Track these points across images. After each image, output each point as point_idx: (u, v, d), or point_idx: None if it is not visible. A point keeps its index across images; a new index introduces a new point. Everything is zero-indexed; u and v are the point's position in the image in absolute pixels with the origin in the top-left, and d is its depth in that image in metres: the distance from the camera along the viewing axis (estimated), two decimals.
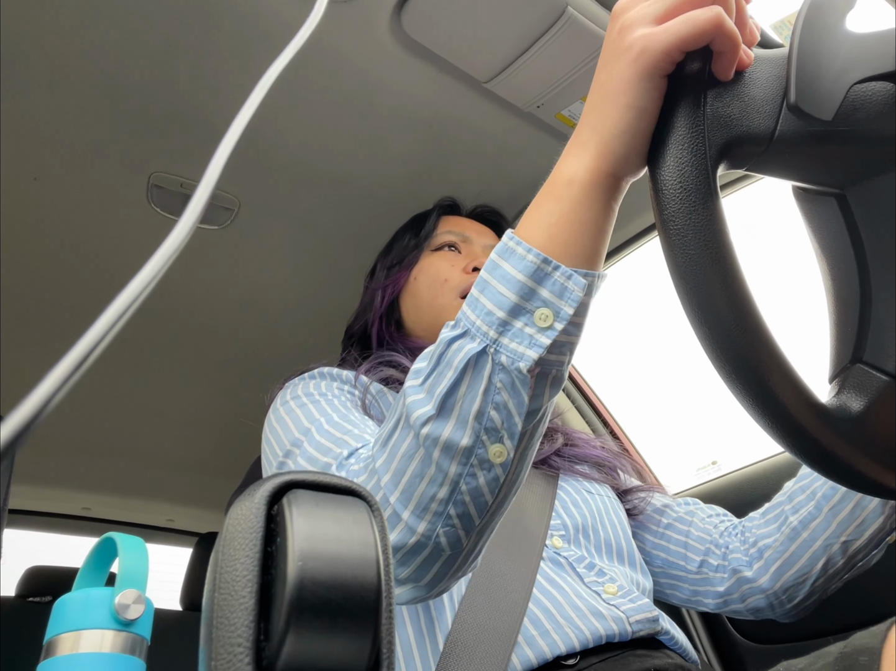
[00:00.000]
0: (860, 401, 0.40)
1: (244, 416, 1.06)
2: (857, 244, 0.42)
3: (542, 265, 0.47)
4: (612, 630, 0.65)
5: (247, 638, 0.22)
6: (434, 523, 0.50)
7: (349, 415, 0.70)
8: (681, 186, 0.40)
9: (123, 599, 0.37)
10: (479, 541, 0.54)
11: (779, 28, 0.86)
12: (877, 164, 0.40)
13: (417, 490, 0.50)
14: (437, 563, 0.53)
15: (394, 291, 0.95)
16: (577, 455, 0.90)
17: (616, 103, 0.45)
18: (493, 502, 0.51)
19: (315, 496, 0.25)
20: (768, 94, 0.41)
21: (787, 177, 0.43)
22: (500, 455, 0.49)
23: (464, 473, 0.49)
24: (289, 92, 0.95)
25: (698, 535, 0.88)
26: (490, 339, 0.47)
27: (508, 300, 0.47)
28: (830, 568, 0.76)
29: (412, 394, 0.51)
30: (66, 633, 0.36)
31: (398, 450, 0.52)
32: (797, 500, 0.79)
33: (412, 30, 0.86)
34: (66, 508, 2.07)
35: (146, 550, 0.40)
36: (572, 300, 0.46)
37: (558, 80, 0.94)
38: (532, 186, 1.25)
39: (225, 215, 1.18)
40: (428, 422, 0.49)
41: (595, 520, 0.80)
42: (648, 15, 0.44)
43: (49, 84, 0.92)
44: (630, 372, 2.38)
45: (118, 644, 0.36)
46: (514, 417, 0.48)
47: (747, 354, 0.38)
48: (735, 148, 0.40)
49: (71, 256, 1.23)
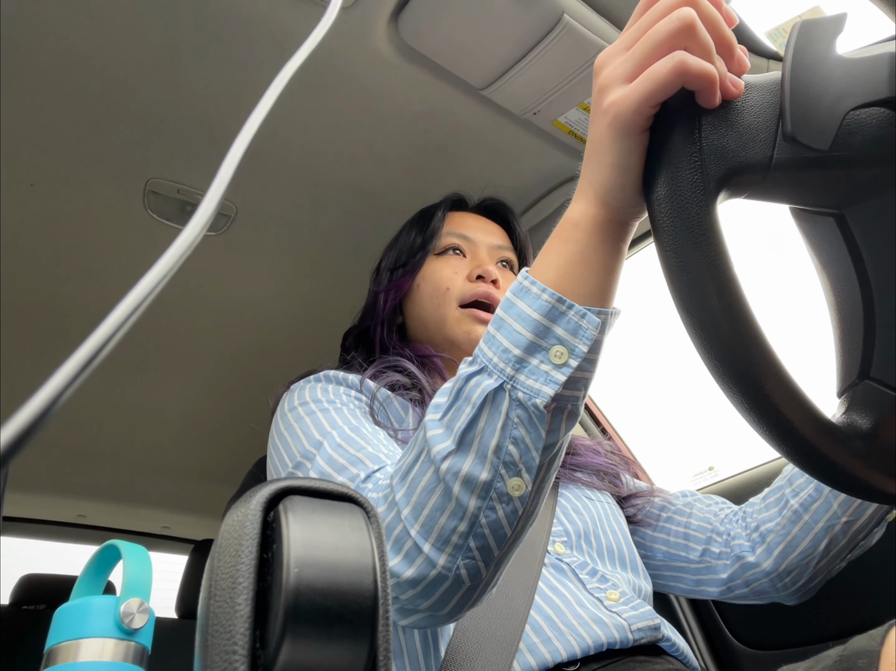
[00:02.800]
0: (869, 418, 0.40)
1: (241, 423, 1.06)
2: (857, 262, 0.42)
3: (556, 304, 0.48)
4: (613, 637, 0.66)
5: (242, 645, 0.22)
6: (454, 556, 0.51)
7: (360, 428, 0.69)
8: (682, 224, 0.39)
9: (128, 608, 0.36)
10: (498, 571, 0.54)
11: (773, 36, 0.86)
12: (874, 185, 0.40)
13: (438, 523, 0.51)
14: (458, 595, 0.54)
15: (396, 296, 0.95)
16: (577, 463, 0.90)
17: (601, 162, 0.46)
18: (511, 534, 0.52)
19: (311, 502, 0.25)
20: (763, 122, 0.41)
21: (786, 201, 0.43)
22: (519, 488, 0.50)
23: (483, 507, 0.50)
24: (287, 98, 0.95)
25: (698, 525, 0.88)
26: (507, 376, 0.48)
27: (524, 338, 0.48)
28: (833, 548, 0.77)
29: (432, 428, 0.52)
30: (68, 642, 0.35)
31: (418, 484, 0.52)
32: (797, 484, 0.80)
33: (409, 37, 0.87)
34: (60, 516, 2.06)
35: (150, 559, 0.40)
36: (586, 338, 0.48)
37: (555, 87, 0.94)
38: (529, 192, 1.27)
39: (222, 221, 1.18)
40: (448, 457, 0.50)
41: (596, 527, 0.80)
42: (619, 76, 0.44)
43: (46, 90, 0.92)
44: (628, 379, 2.38)
45: (121, 653, 0.36)
46: (531, 451, 0.49)
47: (757, 382, 0.38)
48: (734, 178, 0.40)
49: (68, 263, 1.22)
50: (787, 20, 0.84)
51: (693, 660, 0.74)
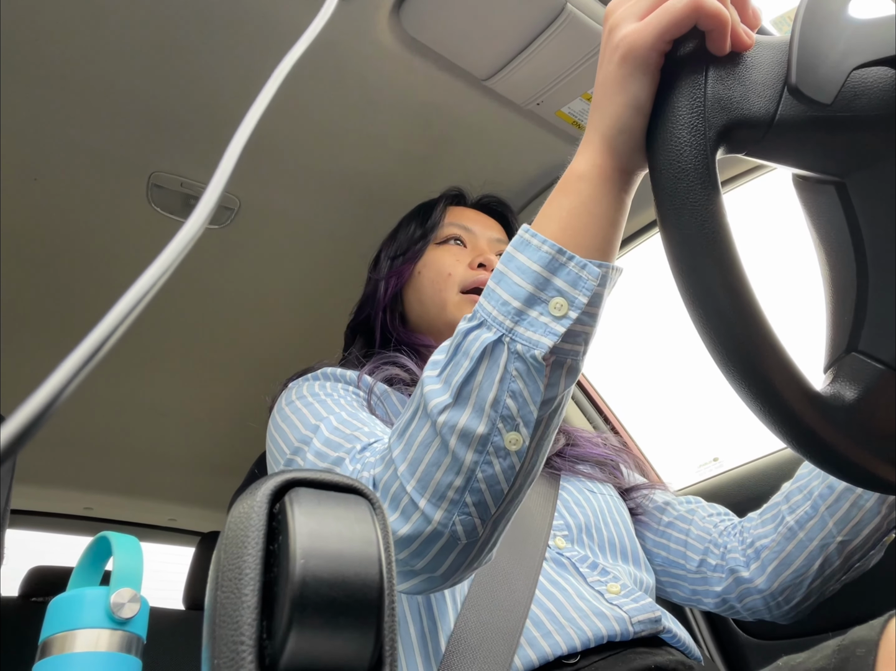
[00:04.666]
0: (854, 389, 0.40)
1: (246, 416, 1.06)
2: (855, 233, 0.42)
3: (556, 255, 0.48)
4: (613, 630, 0.65)
5: (249, 636, 0.22)
6: (450, 511, 0.51)
7: (357, 414, 0.70)
8: (679, 168, 0.40)
9: (118, 598, 0.37)
10: (495, 531, 0.54)
11: (778, 24, 0.85)
12: (876, 152, 0.40)
13: (434, 478, 0.51)
14: (453, 553, 0.53)
15: (397, 283, 0.95)
16: (578, 455, 0.90)
17: (613, 102, 0.46)
18: (508, 490, 0.51)
19: (317, 494, 0.25)
20: (769, 78, 0.41)
21: (786, 163, 0.43)
22: (516, 443, 0.50)
23: (480, 461, 0.50)
24: (289, 90, 0.95)
25: (698, 534, 0.87)
26: (506, 329, 0.48)
27: (524, 290, 0.48)
28: (827, 568, 0.75)
29: (429, 383, 0.52)
30: (61, 633, 0.36)
31: (415, 439, 0.52)
32: (794, 500, 0.78)
33: (411, 27, 0.86)
34: (67, 508, 2.07)
35: (140, 549, 0.40)
36: (586, 289, 0.48)
37: (558, 77, 0.93)
38: (532, 184, 1.26)
39: (225, 214, 1.18)
40: (445, 411, 0.50)
41: (598, 520, 0.80)
42: (633, 13, 0.45)
43: (49, 84, 0.92)
44: (632, 369, 2.38)
45: (114, 643, 0.36)
46: (529, 405, 0.49)
47: (742, 338, 0.38)
48: (735, 131, 0.40)
49: (71, 256, 1.23)
50: (791, 8, 0.83)
51: (695, 651, 0.74)
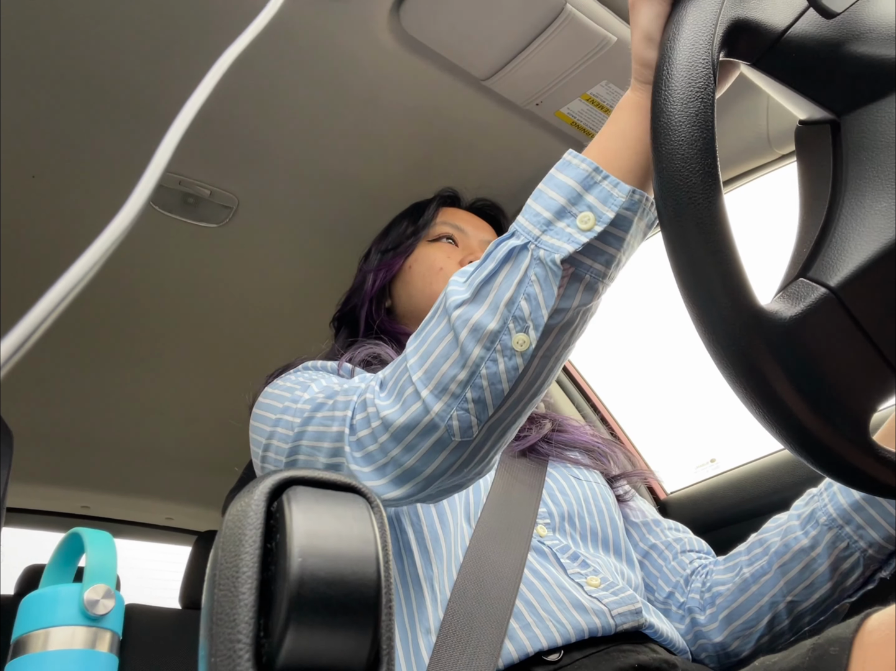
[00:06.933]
0: (793, 308, 0.40)
1: (244, 414, 1.06)
2: (838, 169, 0.43)
3: (592, 173, 0.51)
4: (594, 624, 0.65)
5: (247, 634, 0.22)
6: (450, 405, 0.53)
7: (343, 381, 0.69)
8: (682, 58, 0.41)
9: (92, 594, 0.36)
10: (489, 438, 0.55)
11: None
12: (875, 89, 0.42)
13: (440, 370, 0.53)
14: (445, 451, 0.54)
15: (386, 276, 0.95)
16: (565, 441, 0.89)
17: (634, 38, 0.50)
18: (508, 393, 0.53)
19: (315, 493, 0.25)
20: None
21: (788, 84, 0.44)
22: (523, 344, 0.51)
23: (486, 357, 0.52)
24: (287, 89, 0.95)
25: (673, 567, 0.86)
26: (533, 237, 0.51)
27: (556, 202, 0.52)
28: (776, 626, 0.75)
29: (453, 285, 0.55)
30: (34, 632, 0.35)
31: (430, 335, 0.55)
32: (754, 553, 0.79)
33: (411, 27, 0.86)
34: (64, 507, 2.07)
35: (114, 544, 0.39)
36: (614, 205, 0.50)
37: (557, 77, 0.93)
38: (531, 184, 1.25)
39: (224, 213, 1.18)
40: (462, 306, 0.53)
41: (581, 508, 0.79)
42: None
43: (45, 82, 0.92)
44: (632, 369, 2.38)
45: (89, 640, 0.36)
46: (541, 309, 0.51)
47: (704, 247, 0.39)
48: (744, 33, 0.42)
49: (67, 254, 1.22)
50: None
51: (679, 643, 0.73)
